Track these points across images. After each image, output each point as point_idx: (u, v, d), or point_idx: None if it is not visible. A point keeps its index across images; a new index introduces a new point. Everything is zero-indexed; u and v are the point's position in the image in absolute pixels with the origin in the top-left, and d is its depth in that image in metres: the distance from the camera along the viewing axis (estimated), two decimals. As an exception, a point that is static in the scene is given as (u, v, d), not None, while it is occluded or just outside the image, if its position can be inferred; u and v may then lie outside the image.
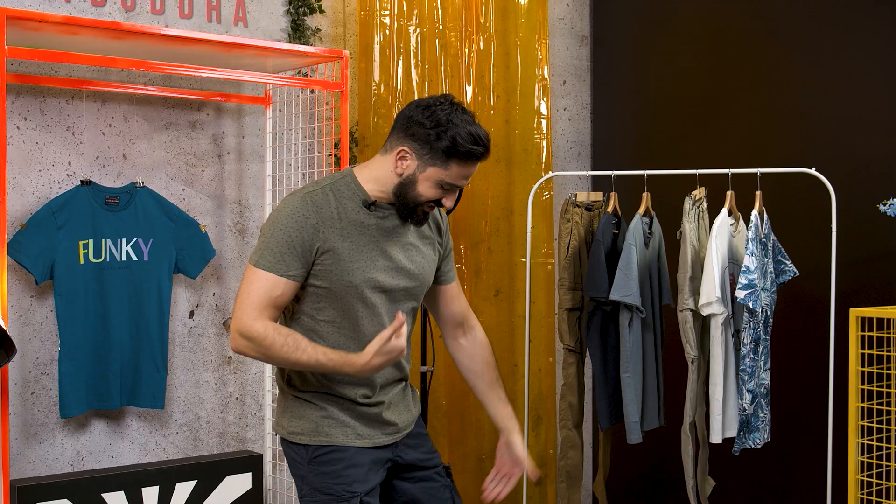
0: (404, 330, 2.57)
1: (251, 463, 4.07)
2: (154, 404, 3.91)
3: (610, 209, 4.14)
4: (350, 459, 2.69)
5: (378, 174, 2.67)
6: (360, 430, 2.71)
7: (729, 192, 3.96)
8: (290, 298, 2.65)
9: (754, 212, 3.87)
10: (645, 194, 4.08)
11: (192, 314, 4.14)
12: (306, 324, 2.70)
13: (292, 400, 2.74)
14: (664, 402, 4.18)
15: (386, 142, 2.69)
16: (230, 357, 4.24)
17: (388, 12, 4.56)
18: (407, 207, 2.66)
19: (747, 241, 3.81)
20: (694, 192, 4.01)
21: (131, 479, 3.79)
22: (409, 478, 2.84)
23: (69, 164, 3.85)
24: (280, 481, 4.23)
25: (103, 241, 3.77)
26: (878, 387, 3.74)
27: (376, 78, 4.54)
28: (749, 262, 3.77)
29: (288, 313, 2.75)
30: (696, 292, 3.92)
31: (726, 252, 3.89)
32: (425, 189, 2.63)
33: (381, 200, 2.68)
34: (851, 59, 4.32)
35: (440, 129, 2.57)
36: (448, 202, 2.66)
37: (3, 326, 3.06)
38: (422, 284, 2.79)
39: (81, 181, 3.77)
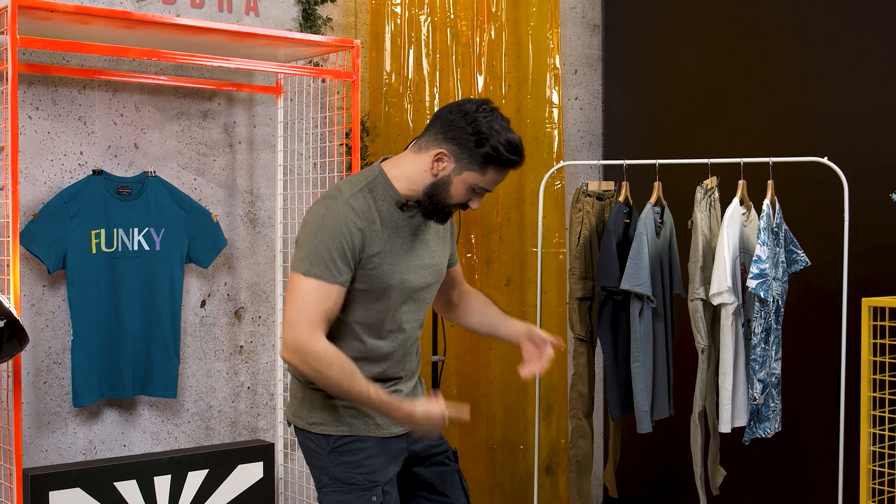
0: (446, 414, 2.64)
1: (263, 452, 4.08)
2: (166, 393, 3.93)
3: (621, 198, 4.14)
4: (371, 450, 2.71)
5: (410, 173, 2.67)
6: (379, 420, 2.72)
7: (741, 182, 3.95)
8: (340, 306, 2.63)
9: (766, 201, 3.85)
10: (656, 183, 4.07)
11: (203, 304, 4.15)
12: (334, 324, 2.70)
13: (312, 392, 2.75)
14: (674, 391, 4.18)
15: (419, 140, 2.69)
16: (241, 346, 4.25)
17: (399, 1, 4.55)
18: (435, 207, 2.67)
19: (759, 230, 3.79)
20: (705, 182, 4.00)
21: (143, 468, 3.80)
22: (420, 464, 2.88)
23: (81, 153, 3.86)
24: (291, 470, 4.25)
25: (115, 230, 3.78)
26: (890, 376, 3.73)
27: (387, 67, 4.54)
28: (761, 251, 3.76)
29: None
30: (707, 282, 3.91)
31: (738, 241, 3.88)
32: (458, 191, 2.65)
33: (410, 199, 2.70)
34: (864, 48, 4.30)
35: (482, 137, 2.59)
36: (475, 204, 2.70)
37: (16, 316, 3.08)
38: (440, 279, 2.84)
39: (93, 171, 3.78)
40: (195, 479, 3.92)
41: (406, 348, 2.79)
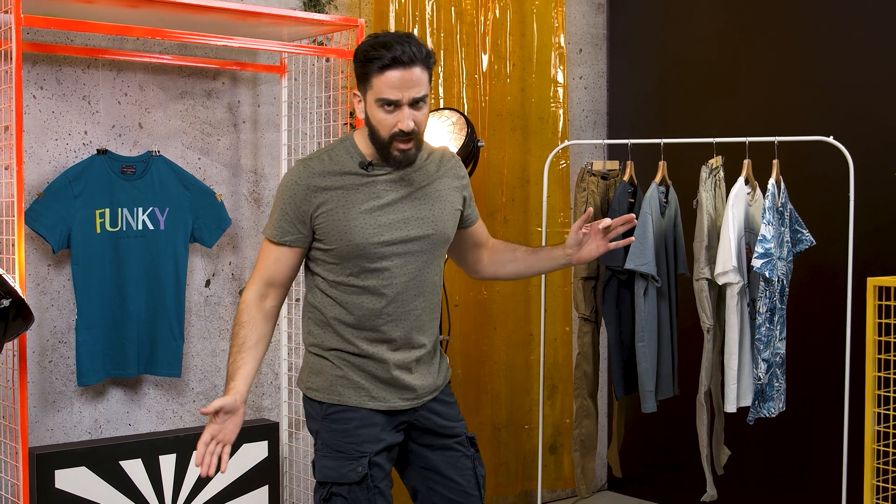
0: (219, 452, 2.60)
1: (268, 431, 4.10)
2: (171, 373, 3.94)
3: (626, 178, 4.13)
4: (362, 420, 2.71)
5: (363, 133, 2.75)
6: (375, 393, 2.73)
7: (746, 161, 3.94)
8: (291, 267, 2.74)
9: (771, 180, 3.85)
10: (661, 163, 4.07)
11: (208, 283, 4.16)
12: (323, 287, 2.74)
13: (312, 357, 2.79)
14: (679, 371, 4.19)
15: None
16: (246, 326, 4.26)
17: (403, -20, 4.54)
18: (383, 152, 2.69)
19: (764, 209, 3.79)
20: (710, 161, 3.99)
21: (148, 447, 3.82)
22: (427, 444, 2.84)
23: (85, 133, 3.86)
24: (296, 450, 4.27)
25: (119, 209, 3.79)
26: (895, 356, 3.73)
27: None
28: (765, 230, 3.76)
29: (307, 278, 2.79)
30: (712, 261, 3.91)
31: (743, 221, 3.88)
32: (376, 117, 2.65)
33: (378, 160, 2.72)
34: (869, 25, 4.28)
35: (356, 55, 2.68)
36: (402, 123, 2.63)
37: (21, 295, 3.09)
38: (438, 231, 2.78)
39: (98, 150, 3.78)
40: (200, 457, 3.93)
41: (403, 308, 2.74)
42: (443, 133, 4.09)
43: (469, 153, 4.05)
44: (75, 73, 3.83)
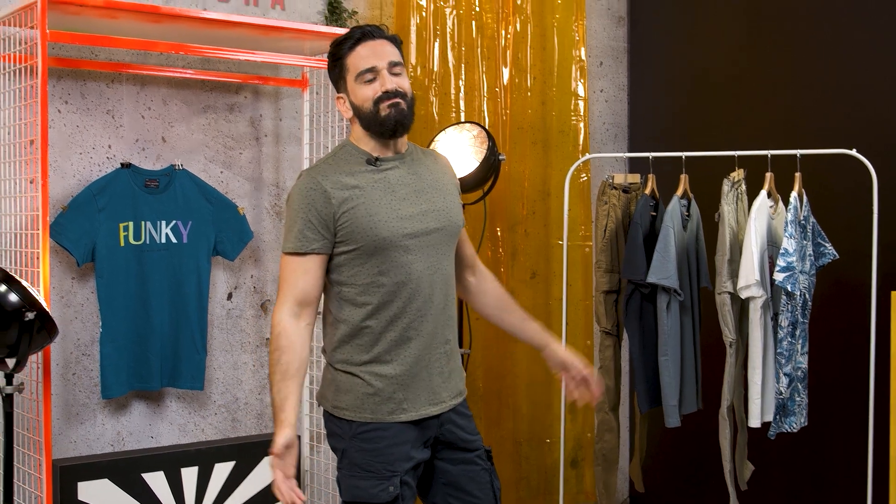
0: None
1: (289, 444, 4.10)
2: (193, 385, 3.96)
3: (647, 191, 4.13)
4: (393, 438, 2.71)
5: (355, 134, 2.80)
6: (406, 404, 2.73)
7: (768, 174, 3.93)
8: (320, 277, 2.71)
9: (794, 193, 3.84)
10: (683, 176, 4.06)
11: (230, 296, 4.18)
12: (347, 295, 2.73)
13: (338, 374, 2.77)
14: (702, 385, 4.17)
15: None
16: (268, 339, 4.28)
17: (424, -6, 4.56)
18: (376, 121, 2.73)
19: (786, 223, 3.78)
20: (732, 174, 3.98)
21: (171, 460, 3.84)
22: (449, 458, 2.85)
23: (109, 146, 3.89)
24: (317, 462, 4.27)
25: (143, 223, 3.82)
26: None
27: (413, 60, 4.55)
28: (788, 244, 3.75)
29: (329, 289, 2.78)
30: (734, 275, 3.90)
31: (765, 234, 3.87)
32: (360, 95, 2.74)
33: (381, 154, 2.76)
34: (893, 37, 4.27)
35: (329, 56, 2.82)
36: (384, 85, 2.72)
37: (46, 307, 3.11)
38: (452, 224, 2.82)
39: (121, 164, 3.82)
40: (222, 470, 3.95)
41: (429, 301, 2.75)
42: (464, 146, 4.10)
43: (490, 166, 4.06)
44: (99, 87, 3.86)
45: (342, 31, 3.87)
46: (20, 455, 3.53)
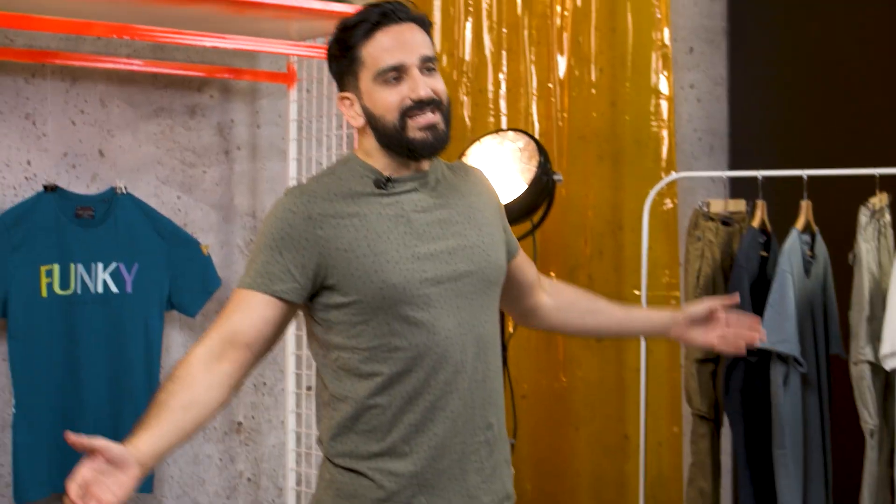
0: None
1: (268, 567, 4.08)
2: (140, 487, 3.93)
3: (756, 223, 4.11)
4: None
5: (363, 144, 2.73)
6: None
7: (922, 200, 3.92)
8: (266, 322, 2.64)
9: (958, 227, 3.82)
10: (805, 203, 4.05)
11: (189, 365, 4.17)
12: (348, 363, 2.68)
13: (338, 472, 2.73)
14: (833, 487, 4.12)
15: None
16: (240, 423, 4.26)
17: (452, -42, 4.59)
18: (401, 142, 2.66)
19: (948, 267, 3.76)
20: (872, 200, 3.96)
21: (108, 587, 3.81)
22: None
23: (28, 163, 3.90)
24: (306, 592, 4.24)
25: (73, 266, 3.81)
26: None
27: (437, 47, 4.55)
28: (951, 296, 3.72)
29: (321, 355, 2.74)
30: (875, 338, 3.87)
31: (919, 282, 3.84)
32: (379, 101, 2.65)
33: (396, 174, 2.70)
34: None
35: (332, 46, 2.69)
36: (415, 91, 2.64)
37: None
38: (490, 265, 2.75)
39: (45, 186, 3.82)
40: None
41: (461, 371, 2.69)
42: (506, 163, 4.09)
43: (541, 189, 4.04)
44: (16, 83, 3.88)
45: (345, 7, 3.88)
46: None
